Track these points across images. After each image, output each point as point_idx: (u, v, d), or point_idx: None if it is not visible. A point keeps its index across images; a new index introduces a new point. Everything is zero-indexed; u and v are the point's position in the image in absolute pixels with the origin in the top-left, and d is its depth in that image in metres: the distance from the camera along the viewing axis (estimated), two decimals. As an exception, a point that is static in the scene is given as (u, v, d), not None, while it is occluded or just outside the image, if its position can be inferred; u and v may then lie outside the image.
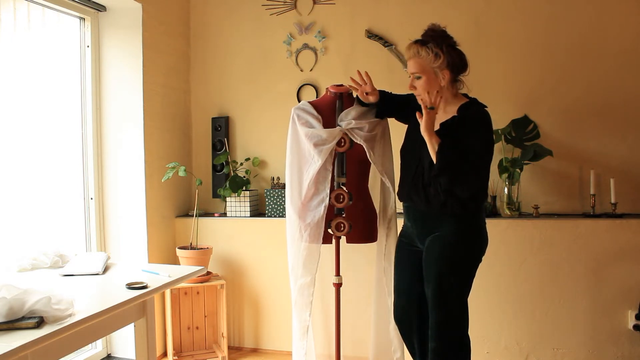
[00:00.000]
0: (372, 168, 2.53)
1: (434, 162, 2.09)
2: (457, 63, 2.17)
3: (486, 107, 2.21)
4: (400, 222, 2.47)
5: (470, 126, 2.12)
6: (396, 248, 2.43)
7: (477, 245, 2.20)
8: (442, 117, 2.20)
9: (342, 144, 2.38)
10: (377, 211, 2.57)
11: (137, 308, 2.10)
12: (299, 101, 3.40)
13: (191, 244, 3.37)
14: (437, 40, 2.14)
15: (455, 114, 2.17)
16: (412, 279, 2.31)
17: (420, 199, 2.20)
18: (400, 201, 2.37)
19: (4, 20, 2.70)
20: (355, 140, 2.38)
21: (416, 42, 2.18)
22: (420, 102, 2.18)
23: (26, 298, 1.54)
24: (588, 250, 2.94)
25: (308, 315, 2.46)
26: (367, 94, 2.38)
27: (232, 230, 3.51)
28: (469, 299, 2.21)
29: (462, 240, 2.15)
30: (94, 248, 3.27)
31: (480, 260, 2.22)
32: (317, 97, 3.43)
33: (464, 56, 2.20)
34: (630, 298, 2.89)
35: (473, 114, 2.15)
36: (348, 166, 2.46)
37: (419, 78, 2.18)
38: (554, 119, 3.16)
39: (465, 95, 2.26)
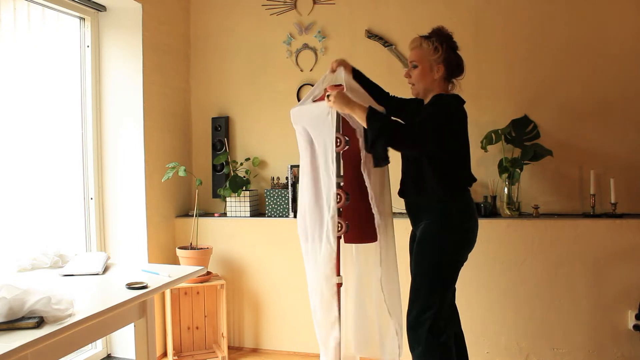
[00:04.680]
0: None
1: (366, 129, 2.18)
2: (453, 63, 2.27)
3: (464, 102, 2.29)
4: (401, 221, 2.47)
5: (428, 105, 2.28)
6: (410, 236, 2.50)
7: (452, 244, 2.23)
8: None
9: (338, 144, 2.38)
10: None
11: (137, 308, 2.10)
12: (299, 101, 3.40)
13: (191, 244, 3.37)
14: (440, 37, 2.27)
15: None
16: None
17: (403, 187, 2.38)
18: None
19: (4, 20, 2.70)
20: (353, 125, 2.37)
21: (422, 36, 2.32)
22: (412, 93, 2.34)
23: (26, 298, 1.54)
24: (588, 250, 2.94)
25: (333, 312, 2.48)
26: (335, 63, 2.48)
27: (232, 230, 3.50)
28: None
29: (437, 240, 2.22)
30: (94, 248, 3.27)
31: (460, 259, 2.25)
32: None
33: (462, 61, 2.31)
34: (630, 298, 2.89)
35: (437, 99, 2.26)
36: (345, 166, 2.46)
37: (415, 67, 2.30)
38: (554, 119, 3.16)
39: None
